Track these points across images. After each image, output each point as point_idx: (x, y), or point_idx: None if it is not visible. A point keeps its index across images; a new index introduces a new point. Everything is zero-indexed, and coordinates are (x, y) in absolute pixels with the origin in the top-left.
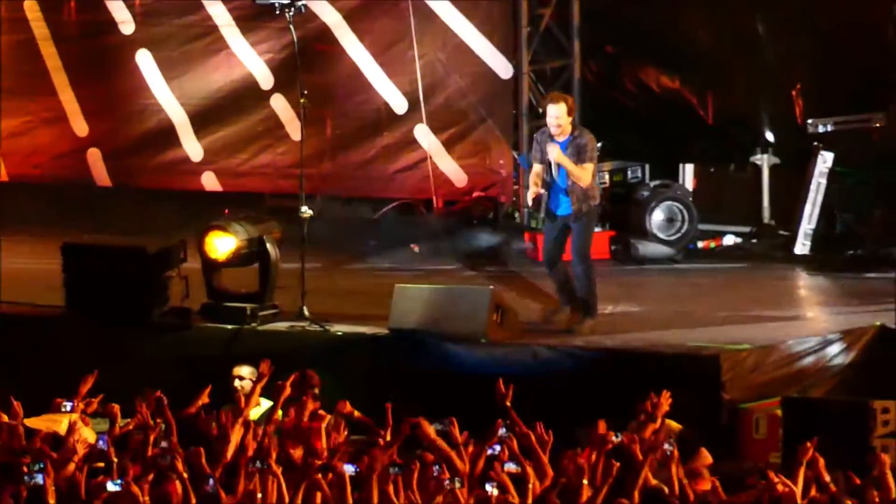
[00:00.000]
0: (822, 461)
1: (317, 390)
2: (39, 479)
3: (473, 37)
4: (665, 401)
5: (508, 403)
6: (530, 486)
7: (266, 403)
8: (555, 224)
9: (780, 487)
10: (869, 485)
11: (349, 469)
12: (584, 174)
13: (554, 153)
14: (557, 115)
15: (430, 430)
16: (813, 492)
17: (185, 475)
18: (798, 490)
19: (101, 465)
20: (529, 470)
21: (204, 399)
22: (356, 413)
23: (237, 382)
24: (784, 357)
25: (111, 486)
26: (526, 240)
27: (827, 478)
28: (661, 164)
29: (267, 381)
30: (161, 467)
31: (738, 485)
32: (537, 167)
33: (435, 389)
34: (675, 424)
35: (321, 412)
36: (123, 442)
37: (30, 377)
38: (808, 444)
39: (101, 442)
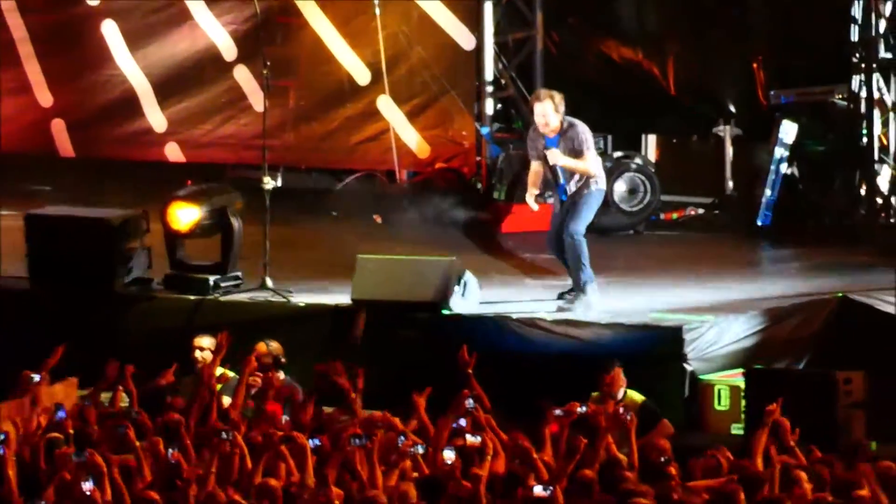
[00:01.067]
0: (787, 426)
1: (283, 360)
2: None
3: (436, 8)
4: (619, 377)
5: (471, 371)
6: (488, 458)
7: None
8: (560, 210)
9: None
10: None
11: (311, 442)
12: (588, 165)
13: (553, 158)
14: (544, 112)
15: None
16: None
17: (138, 444)
18: (759, 452)
19: (60, 436)
20: (489, 442)
21: (169, 378)
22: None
23: (198, 353)
24: (746, 328)
25: (76, 458)
26: (488, 211)
27: (792, 442)
28: (624, 135)
29: (225, 351)
30: (116, 437)
31: (699, 456)
32: (535, 165)
33: (397, 360)
34: (637, 396)
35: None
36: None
37: None
38: (773, 407)
39: (59, 413)
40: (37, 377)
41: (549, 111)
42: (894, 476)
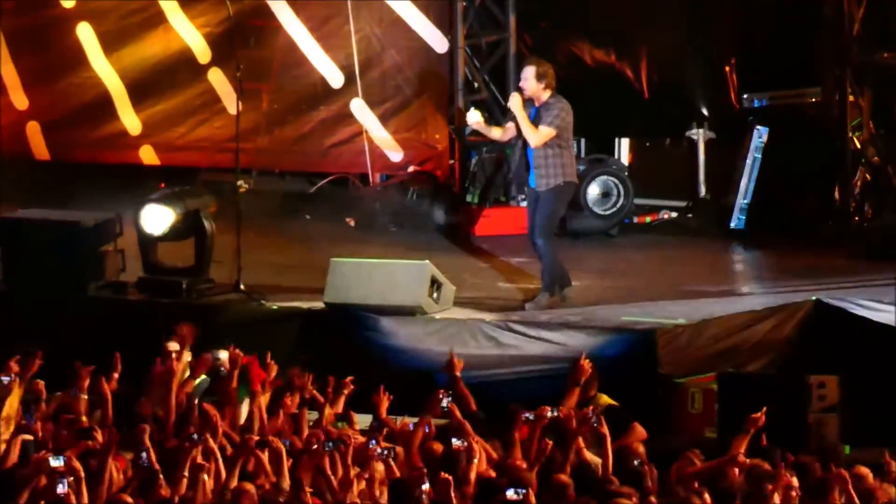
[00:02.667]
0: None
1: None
2: None
3: (409, 11)
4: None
5: (458, 373)
6: (475, 460)
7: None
8: (530, 198)
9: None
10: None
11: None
12: (535, 135)
13: (513, 102)
14: (525, 76)
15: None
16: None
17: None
18: (738, 457)
19: (31, 437)
20: (476, 445)
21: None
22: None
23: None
24: (720, 332)
25: (54, 462)
26: (461, 214)
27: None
28: (597, 138)
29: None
30: (85, 441)
31: (673, 459)
32: (508, 125)
33: (370, 364)
34: (606, 399)
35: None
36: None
37: None
38: (758, 415)
39: (28, 417)
40: (5, 380)
41: (529, 75)
42: (867, 482)
